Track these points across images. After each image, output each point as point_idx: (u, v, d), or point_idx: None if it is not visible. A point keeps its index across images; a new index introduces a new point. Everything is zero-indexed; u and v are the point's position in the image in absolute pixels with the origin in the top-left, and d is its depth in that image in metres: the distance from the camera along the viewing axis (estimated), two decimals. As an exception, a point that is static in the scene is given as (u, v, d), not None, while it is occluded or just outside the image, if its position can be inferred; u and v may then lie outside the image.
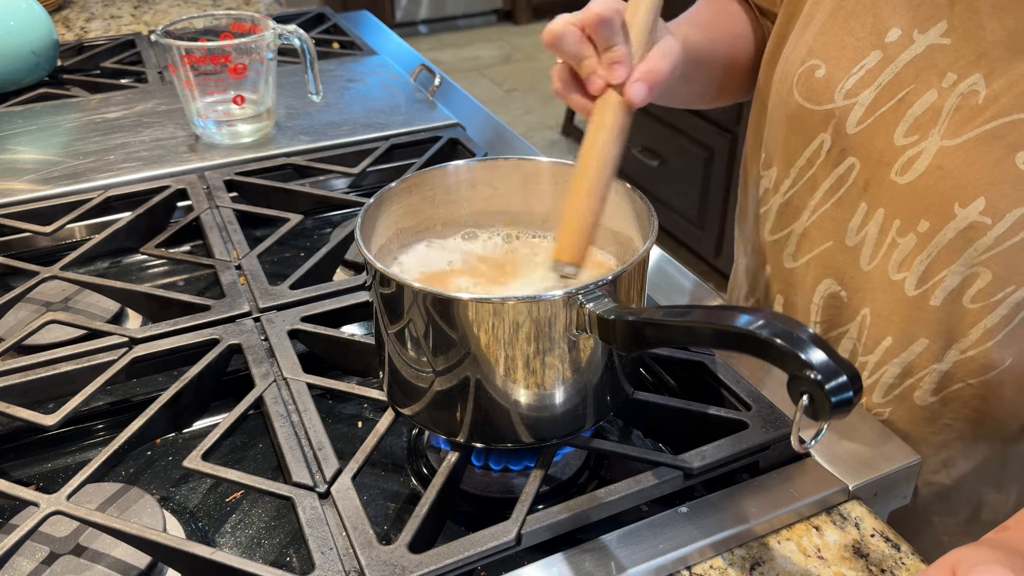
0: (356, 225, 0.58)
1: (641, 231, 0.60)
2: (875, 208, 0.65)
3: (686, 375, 0.69)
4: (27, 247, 0.93)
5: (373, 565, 0.51)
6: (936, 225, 0.61)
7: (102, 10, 1.62)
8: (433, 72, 1.20)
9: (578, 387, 0.56)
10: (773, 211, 0.75)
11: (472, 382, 0.54)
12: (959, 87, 0.59)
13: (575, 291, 0.51)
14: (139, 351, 0.68)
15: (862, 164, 0.65)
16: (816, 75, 0.67)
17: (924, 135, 0.61)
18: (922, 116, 0.61)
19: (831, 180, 0.68)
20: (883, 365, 0.68)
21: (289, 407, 0.63)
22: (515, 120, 3.67)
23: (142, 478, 0.65)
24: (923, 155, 0.61)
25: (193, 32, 1.01)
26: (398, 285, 0.53)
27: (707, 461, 0.57)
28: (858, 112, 0.64)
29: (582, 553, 0.54)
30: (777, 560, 0.55)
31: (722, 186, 2.36)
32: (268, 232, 0.86)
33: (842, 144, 0.66)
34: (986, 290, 0.60)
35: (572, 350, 0.53)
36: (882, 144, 0.63)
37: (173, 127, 1.07)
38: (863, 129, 0.64)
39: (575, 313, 0.51)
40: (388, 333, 0.57)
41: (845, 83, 0.65)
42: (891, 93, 0.63)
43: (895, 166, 0.62)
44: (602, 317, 0.50)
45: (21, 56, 1.17)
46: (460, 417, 0.57)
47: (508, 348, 0.52)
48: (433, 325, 0.53)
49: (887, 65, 0.63)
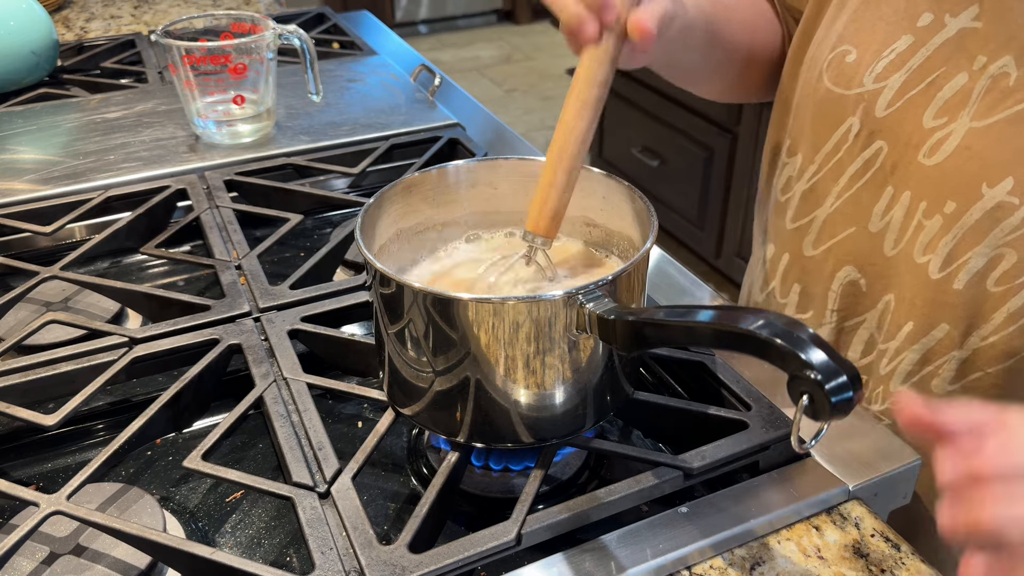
0: (356, 225, 0.58)
1: (641, 231, 0.60)
2: (901, 191, 0.65)
3: (686, 375, 0.69)
4: (27, 247, 0.93)
5: (373, 565, 0.51)
6: (963, 206, 0.61)
7: (102, 10, 1.62)
8: (433, 72, 1.20)
9: (578, 387, 0.56)
10: (796, 198, 0.75)
11: (472, 382, 0.54)
12: (989, 69, 0.59)
13: (575, 291, 0.51)
14: (139, 351, 0.68)
15: (890, 147, 0.65)
16: (847, 60, 0.68)
17: (953, 117, 0.61)
18: (952, 98, 0.61)
19: (857, 164, 0.68)
20: (902, 352, 0.67)
21: (289, 407, 0.63)
22: (515, 120, 3.67)
23: (142, 478, 0.65)
24: (952, 136, 0.61)
25: (193, 32, 1.01)
26: (398, 285, 0.53)
27: (707, 461, 0.57)
28: (887, 95, 0.65)
29: (582, 553, 0.54)
30: (777, 560, 0.55)
31: (722, 186, 2.36)
32: (268, 232, 0.86)
33: (870, 127, 0.66)
34: (1011, 272, 0.60)
35: (572, 350, 0.53)
36: (911, 127, 0.63)
37: (173, 127, 1.07)
38: (892, 112, 0.65)
39: (575, 313, 0.51)
40: (388, 333, 0.57)
41: (875, 67, 0.65)
42: (921, 76, 0.63)
43: (923, 148, 0.63)
44: (602, 317, 0.50)
45: (21, 56, 1.17)
46: (460, 417, 0.57)
47: (508, 348, 0.52)
48: (433, 325, 0.53)
49: (918, 49, 0.63)
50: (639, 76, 2.54)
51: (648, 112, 2.57)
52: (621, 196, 0.62)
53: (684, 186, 2.49)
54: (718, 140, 2.32)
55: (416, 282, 0.54)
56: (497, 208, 0.67)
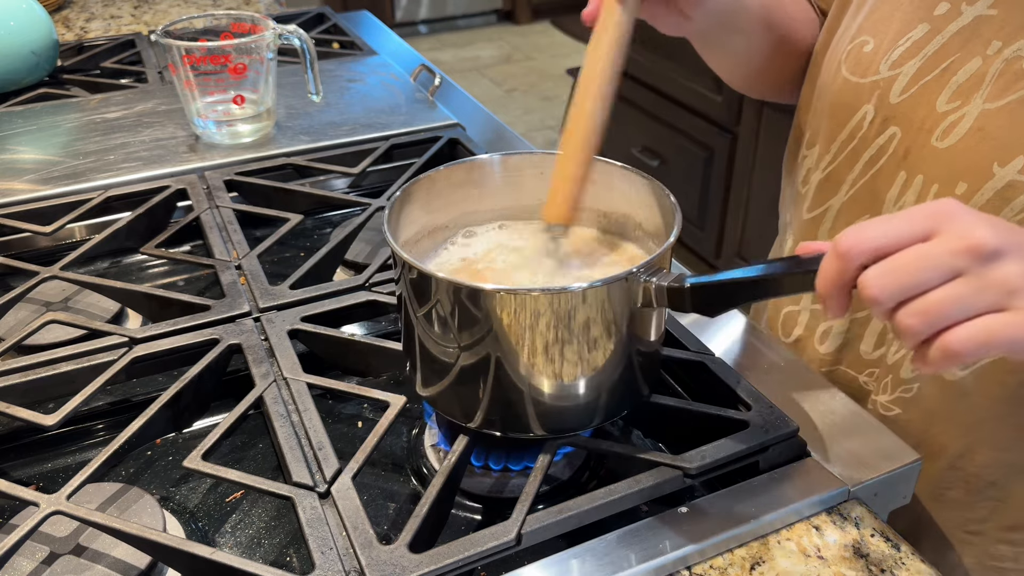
0: (384, 218, 0.58)
1: (646, 210, 0.63)
2: (914, 176, 0.65)
3: (686, 375, 0.69)
4: (27, 247, 0.93)
5: (373, 565, 0.51)
6: (974, 186, 0.61)
7: (102, 10, 1.62)
8: (433, 72, 1.20)
9: (614, 375, 0.57)
10: (812, 188, 0.75)
11: (499, 368, 0.55)
12: (1004, 53, 0.60)
13: (637, 269, 0.53)
14: (139, 351, 0.68)
15: (903, 133, 0.66)
16: (864, 50, 0.68)
17: (967, 100, 0.62)
18: (966, 83, 0.62)
19: (871, 151, 0.68)
20: None
21: (289, 407, 0.63)
22: (515, 120, 3.67)
23: (142, 478, 0.65)
24: (965, 119, 0.61)
25: (193, 32, 1.01)
26: (431, 279, 0.54)
27: (707, 461, 0.57)
28: (902, 82, 0.65)
29: (582, 553, 0.54)
30: (777, 560, 0.55)
31: (722, 186, 2.36)
32: (268, 232, 0.86)
33: (884, 114, 0.67)
34: None
35: (600, 342, 0.55)
36: (924, 111, 0.64)
37: (173, 127, 1.07)
38: (906, 98, 0.65)
39: (641, 289, 0.54)
40: (417, 318, 0.57)
41: (891, 54, 0.66)
42: (936, 63, 0.64)
43: (936, 132, 0.63)
44: (671, 287, 0.53)
45: (21, 56, 1.17)
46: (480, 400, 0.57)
47: (567, 334, 0.53)
48: (493, 323, 0.54)
49: (934, 36, 0.64)
50: (639, 76, 2.54)
51: (648, 112, 2.57)
52: (621, 179, 0.64)
53: (684, 186, 2.49)
54: (718, 140, 2.32)
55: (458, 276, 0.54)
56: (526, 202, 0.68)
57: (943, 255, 0.43)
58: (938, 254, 0.43)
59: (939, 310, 0.43)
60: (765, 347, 0.73)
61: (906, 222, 0.45)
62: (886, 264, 0.44)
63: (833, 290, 0.46)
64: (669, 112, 2.48)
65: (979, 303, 0.43)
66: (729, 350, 0.72)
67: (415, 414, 0.69)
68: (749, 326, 0.76)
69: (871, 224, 0.45)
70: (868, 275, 0.44)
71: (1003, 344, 0.43)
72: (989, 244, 0.43)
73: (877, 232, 0.44)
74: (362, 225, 0.85)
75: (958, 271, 0.43)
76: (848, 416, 0.65)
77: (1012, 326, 0.43)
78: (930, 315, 0.43)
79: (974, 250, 0.43)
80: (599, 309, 0.53)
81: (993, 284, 0.43)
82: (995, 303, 0.43)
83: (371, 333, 0.78)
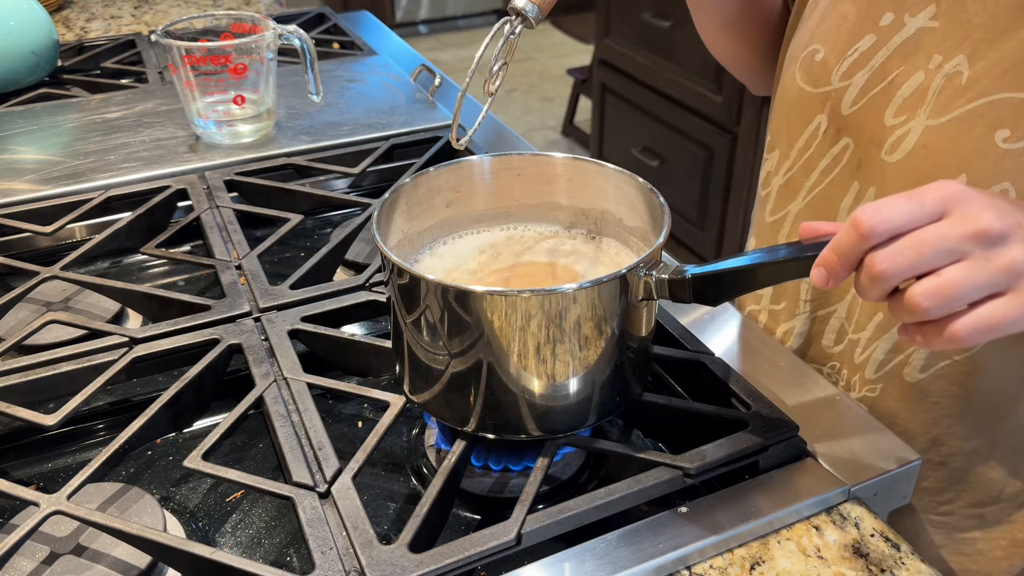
0: (372, 219, 0.58)
1: (654, 222, 0.62)
2: (867, 187, 0.67)
3: (686, 375, 0.69)
4: (27, 247, 0.93)
5: (373, 565, 0.51)
6: None
7: (102, 10, 1.62)
8: (433, 72, 1.20)
9: (604, 375, 0.57)
10: (774, 193, 0.77)
11: (491, 371, 0.55)
12: (944, 68, 0.61)
13: (637, 264, 0.54)
14: (139, 351, 0.68)
15: (855, 144, 0.67)
16: (816, 59, 0.69)
17: (912, 115, 0.63)
18: (910, 97, 0.63)
19: (827, 160, 0.70)
20: (874, 341, 0.69)
21: (289, 407, 0.63)
22: (515, 120, 3.67)
23: (142, 478, 0.65)
24: (910, 134, 0.63)
25: (193, 32, 1.01)
26: (420, 281, 0.53)
27: (707, 461, 0.57)
28: (852, 93, 0.67)
29: (582, 553, 0.54)
30: (777, 560, 0.55)
31: (722, 186, 2.36)
32: (268, 232, 0.86)
33: (837, 125, 0.68)
34: None
35: (592, 340, 0.54)
36: (873, 125, 0.65)
37: (173, 127, 1.07)
38: (856, 110, 0.67)
39: (640, 284, 0.54)
40: (406, 323, 0.57)
41: (841, 65, 0.67)
42: (882, 75, 0.64)
43: (885, 145, 0.64)
44: (672, 279, 0.54)
45: (21, 56, 1.17)
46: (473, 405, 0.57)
47: (558, 333, 0.53)
48: (488, 324, 0.54)
49: (880, 48, 0.65)
50: (639, 76, 2.54)
51: (648, 112, 2.57)
52: (597, 175, 0.64)
53: (684, 186, 2.49)
54: (718, 140, 2.32)
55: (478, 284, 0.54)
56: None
57: (953, 238, 0.45)
58: (950, 236, 0.45)
59: (954, 292, 0.44)
60: (765, 347, 0.73)
61: (919, 204, 0.46)
62: (898, 243, 0.45)
63: (842, 265, 0.47)
64: (669, 112, 2.48)
65: (987, 286, 0.45)
66: (728, 350, 0.72)
67: (415, 414, 0.69)
68: (749, 326, 0.76)
69: (887, 204, 0.46)
70: (880, 252, 0.46)
71: (1007, 328, 0.45)
72: (995, 229, 0.44)
73: (895, 212, 0.45)
74: (362, 225, 0.85)
75: (964, 254, 0.45)
76: (848, 416, 0.65)
77: (1016, 308, 0.45)
78: (946, 297, 0.44)
79: (981, 234, 0.44)
80: (591, 308, 0.53)
81: (999, 267, 0.45)
82: (1000, 284, 0.45)
83: (371, 333, 0.78)
